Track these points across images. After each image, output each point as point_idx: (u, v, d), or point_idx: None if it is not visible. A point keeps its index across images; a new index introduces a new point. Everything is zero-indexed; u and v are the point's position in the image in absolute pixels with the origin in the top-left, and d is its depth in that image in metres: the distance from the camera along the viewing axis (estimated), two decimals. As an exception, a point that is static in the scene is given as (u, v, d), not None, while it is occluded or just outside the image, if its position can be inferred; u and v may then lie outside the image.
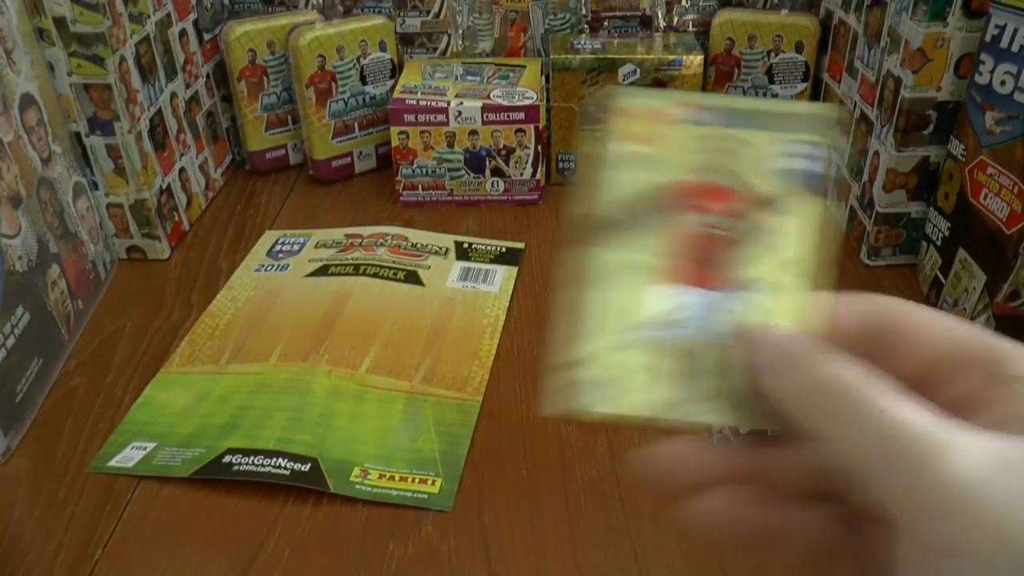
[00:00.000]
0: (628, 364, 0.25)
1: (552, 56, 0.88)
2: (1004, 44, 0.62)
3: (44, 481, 0.57)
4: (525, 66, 0.93)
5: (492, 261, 0.80)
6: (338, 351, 0.68)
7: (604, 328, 0.26)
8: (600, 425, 0.61)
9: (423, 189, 0.90)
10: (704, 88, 0.91)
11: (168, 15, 0.83)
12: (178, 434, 0.60)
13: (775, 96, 0.92)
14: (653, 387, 0.25)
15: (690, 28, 0.97)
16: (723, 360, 0.25)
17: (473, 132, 0.87)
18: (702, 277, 0.26)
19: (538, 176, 0.89)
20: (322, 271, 0.79)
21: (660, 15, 0.96)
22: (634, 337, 0.26)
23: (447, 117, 0.86)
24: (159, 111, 0.81)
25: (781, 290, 0.25)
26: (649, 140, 0.27)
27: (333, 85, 0.91)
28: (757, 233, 0.26)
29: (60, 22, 0.69)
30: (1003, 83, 0.62)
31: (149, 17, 0.79)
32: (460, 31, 0.98)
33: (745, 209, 0.26)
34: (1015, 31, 0.61)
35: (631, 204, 0.27)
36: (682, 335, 0.25)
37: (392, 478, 0.57)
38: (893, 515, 0.21)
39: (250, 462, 0.57)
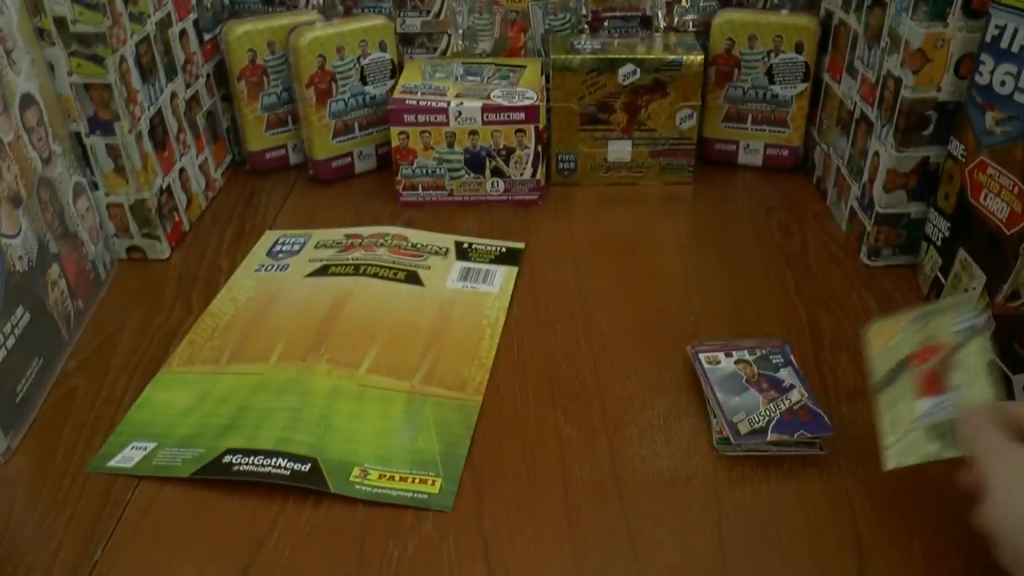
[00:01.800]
0: (913, 437, 0.49)
1: (552, 56, 0.88)
2: (1004, 44, 0.62)
3: (44, 481, 0.57)
4: (525, 66, 0.93)
5: (492, 261, 0.80)
6: (338, 351, 0.68)
7: (898, 423, 0.51)
8: (600, 425, 0.61)
9: (423, 189, 0.90)
10: (704, 88, 0.91)
11: (168, 15, 0.83)
12: (178, 434, 0.61)
13: (775, 96, 0.92)
14: (927, 445, 0.49)
15: (690, 28, 0.97)
16: (952, 426, 0.48)
17: (473, 132, 0.87)
18: (937, 389, 0.50)
19: (538, 176, 0.89)
20: (322, 271, 0.79)
21: (660, 15, 0.96)
22: (913, 425, 0.50)
23: (447, 117, 0.86)
24: (159, 111, 0.81)
25: (972, 389, 0.49)
26: (893, 337, 0.55)
27: (333, 85, 0.91)
28: (956, 363, 0.50)
29: (60, 22, 0.69)
30: (1003, 83, 0.62)
31: (149, 17, 0.79)
32: (460, 31, 0.98)
33: (947, 354, 0.51)
34: (1015, 31, 0.61)
35: (895, 367, 0.53)
36: (934, 417, 0.49)
37: (392, 478, 0.57)
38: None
39: (250, 462, 0.57)
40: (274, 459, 0.57)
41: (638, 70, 0.88)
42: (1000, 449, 0.43)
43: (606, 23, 0.98)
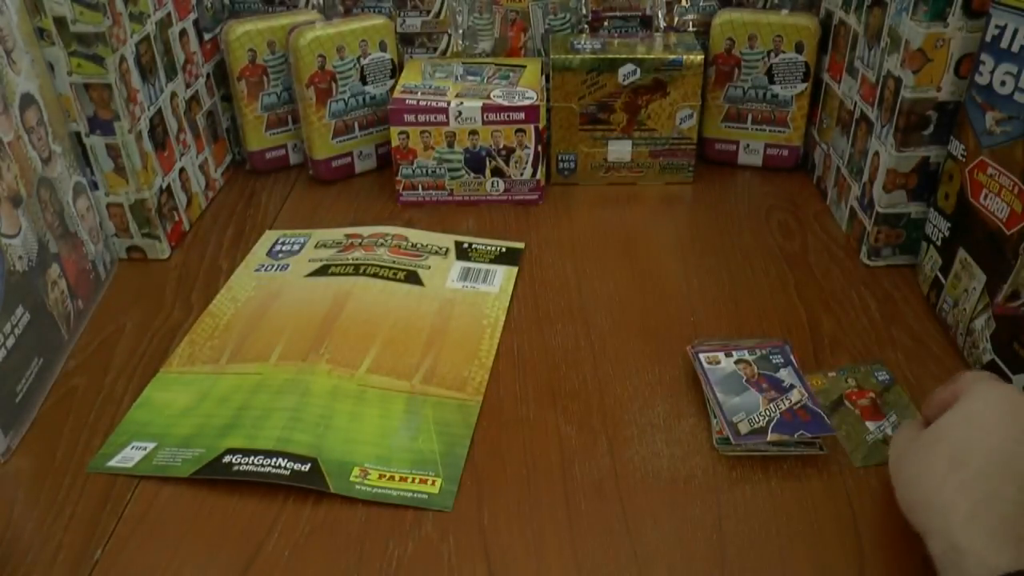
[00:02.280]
0: (873, 446, 0.59)
1: (552, 56, 0.88)
2: (1004, 44, 0.62)
3: (44, 481, 0.57)
4: (525, 66, 0.93)
5: (492, 261, 0.80)
6: (338, 351, 0.68)
7: (854, 437, 0.60)
8: (600, 425, 0.61)
9: (423, 189, 0.90)
10: (704, 88, 0.91)
11: (168, 15, 0.83)
12: (178, 434, 0.61)
13: (775, 96, 0.92)
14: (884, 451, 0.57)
15: (690, 28, 0.97)
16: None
17: (473, 132, 0.87)
18: (877, 417, 0.61)
19: (538, 176, 0.89)
20: (322, 271, 0.79)
21: (660, 15, 0.96)
22: (870, 437, 0.60)
23: (447, 117, 0.86)
24: (159, 111, 0.81)
25: (904, 415, 0.61)
26: (823, 384, 0.64)
27: (333, 85, 0.91)
28: (886, 401, 0.63)
29: (60, 22, 0.69)
30: (1003, 83, 0.62)
31: (149, 17, 0.79)
32: (460, 31, 0.98)
33: (877, 395, 0.63)
34: (1015, 31, 0.61)
35: (836, 400, 0.63)
36: (884, 432, 0.60)
37: (392, 478, 0.57)
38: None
39: (250, 462, 0.57)
40: (274, 459, 0.57)
41: (638, 70, 0.88)
42: (904, 429, 0.53)
43: (606, 23, 0.98)
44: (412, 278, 0.77)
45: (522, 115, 0.86)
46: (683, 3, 0.97)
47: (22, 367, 0.62)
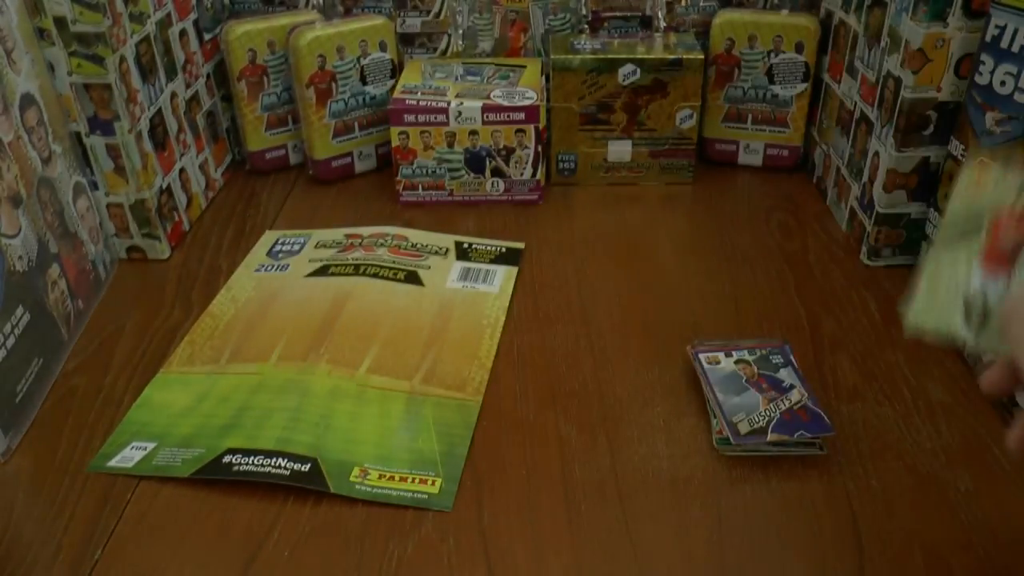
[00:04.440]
0: (944, 301, 0.44)
1: (552, 56, 0.88)
2: (1004, 44, 0.62)
3: (44, 481, 0.57)
4: (525, 66, 0.93)
5: (492, 261, 0.80)
6: (338, 351, 0.68)
7: (938, 283, 0.45)
8: (600, 425, 0.61)
9: (423, 189, 0.90)
10: (704, 88, 0.91)
11: (168, 15, 0.83)
12: (178, 434, 0.61)
13: (775, 96, 0.92)
14: (953, 316, 0.44)
15: (690, 28, 0.97)
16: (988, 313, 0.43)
17: (473, 132, 0.87)
18: (1000, 267, 0.43)
19: (538, 176, 0.89)
20: (322, 271, 0.79)
21: (660, 15, 0.96)
22: (953, 290, 0.44)
23: (447, 117, 0.86)
24: (159, 111, 0.81)
25: None
26: (987, 186, 0.45)
27: (333, 85, 0.91)
28: None
29: (60, 22, 0.69)
30: (1003, 83, 0.62)
31: (149, 17, 0.79)
32: (460, 31, 0.98)
33: None
34: (1015, 31, 0.61)
35: (971, 224, 0.45)
36: (979, 293, 0.43)
37: (392, 478, 0.57)
38: None
39: (250, 462, 0.57)
40: (274, 459, 0.57)
41: (638, 70, 0.88)
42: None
43: (606, 23, 0.98)
44: (412, 278, 0.77)
45: (522, 115, 0.86)
46: (683, 3, 0.97)
47: (22, 367, 0.62)
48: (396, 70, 0.95)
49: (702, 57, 0.88)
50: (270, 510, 0.55)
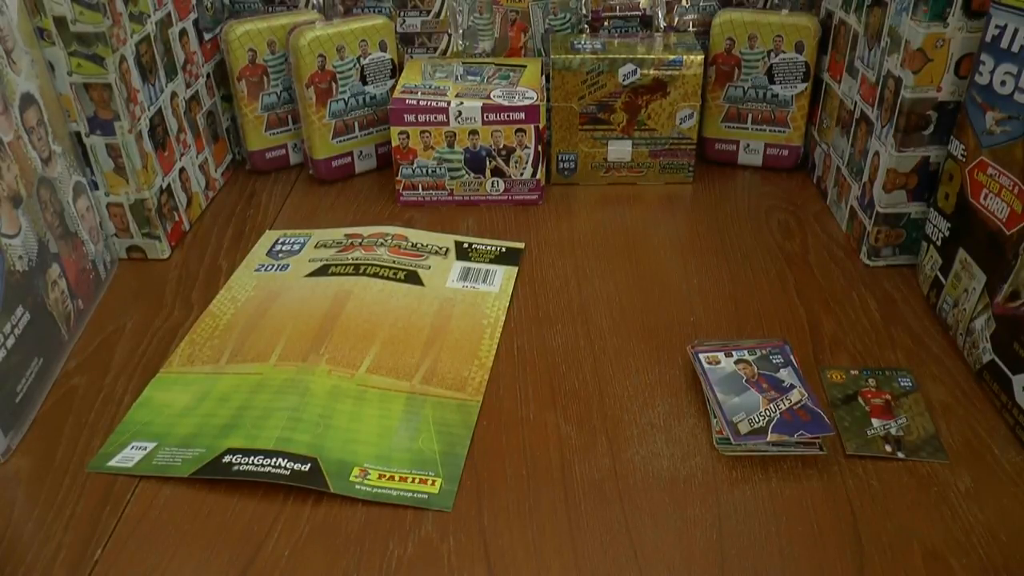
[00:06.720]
0: (871, 439, 0.58)
1: (552, 56, 0.88)
2: (1004, 44, 0.62)
3: (44, 481, 0.57)
4: (525, 66, 0.93)
5: (492, 261, 0.80)
6: (338, 351, 0.68)
7: (854, 429, 0.59)
8: (600, 425, 0.61)
9: (423, 189, 0.90)
10: (704, 88, 0.91)
11: (168, 15, 0.83)
12: (178, 434, 0.61)
13: (775, 96, 0.92)
14: (883, 446, 0.58)
15: (690, 28, 0.97)
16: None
17: (473, 132, 0.87)
18: (886, 416, 0.60)
19: (538, 176, 0.90)
20: (322, 271, 0.79)
21: (660, 15, 0.96)
22: (871, 431, 0.58)
23: (447, 117, 0.86)
24: (159, 111, 0.81)
25: (915, 422, 0.58)
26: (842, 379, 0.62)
27: (333, 85, 0.91)
28: (899, 405, 0.60)
29: (60, 21, 0.69)
30: (1003, 83, 0.62)
31: (149, 17, 0.79)
32: (460, 31, 0.98)
33: (891, 398, 0.61)
34: (1015, 31, 0.61)
35: (850, 395, 0.61)
36: (887, 430, 0.58)
37: (392, 478, 0.57)
38: None
39: (250, 462, 0.57)
40: (274, 459, 0.57)
41: (638, 70, 0.88)
42: None
43: (606, 23, 0.98)
44: (412, 278, 0.77)
45: (522, 115, 0.86)
46: (683, 3, 0.97)
47: (22, 367, 0.62)
48: (396, 70, 0.95)
49: (702, 57, 0.88)
50: (270, 510, 0.55)
